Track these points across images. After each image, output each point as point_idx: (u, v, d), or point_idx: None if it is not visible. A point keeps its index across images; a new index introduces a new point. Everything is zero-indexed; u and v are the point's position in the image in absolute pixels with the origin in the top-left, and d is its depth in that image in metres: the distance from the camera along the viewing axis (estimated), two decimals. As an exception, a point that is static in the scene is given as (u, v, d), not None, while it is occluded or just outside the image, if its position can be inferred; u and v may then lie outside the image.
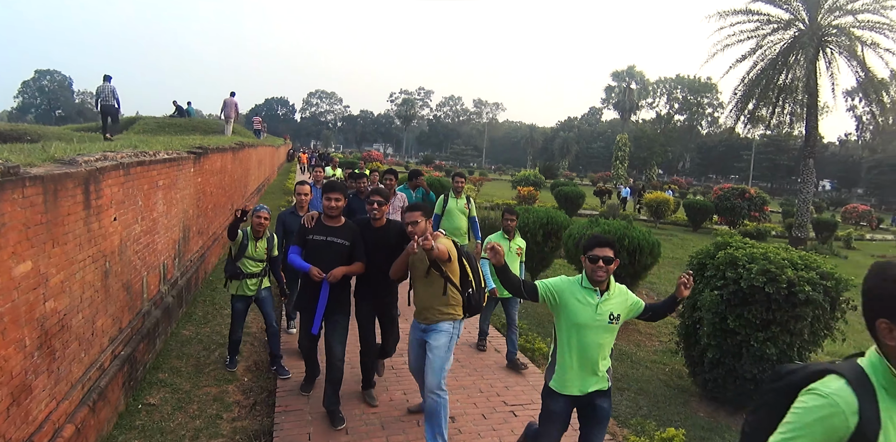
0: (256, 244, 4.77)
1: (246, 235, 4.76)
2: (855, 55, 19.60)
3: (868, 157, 62.90)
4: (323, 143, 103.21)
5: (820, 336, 4.50)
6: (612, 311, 2.88)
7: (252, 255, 4.77)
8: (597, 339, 2.86)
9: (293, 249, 3.97)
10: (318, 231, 3.92)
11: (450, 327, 3.67)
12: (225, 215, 9.83)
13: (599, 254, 2.88)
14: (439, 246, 3.44)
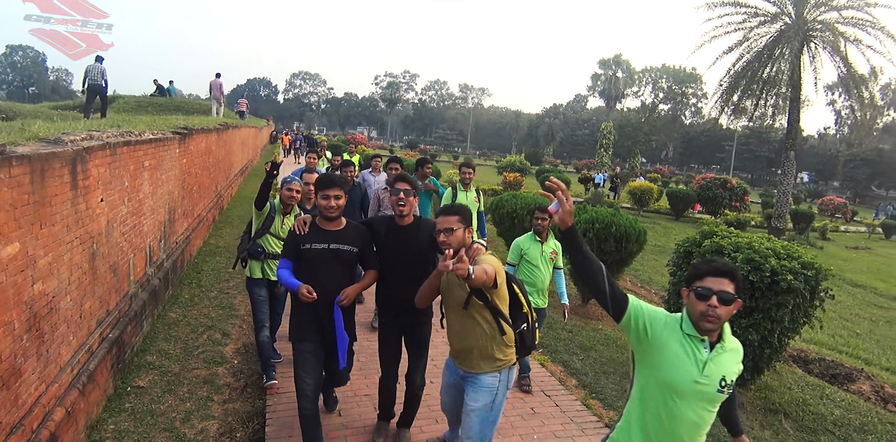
0: (284, 220, 4.21)
1: (273, 207, 4.20)
2: (838, 50, 19.88)
3: (845, 152, 64.02)
4: (306, 126, 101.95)
5: (799, 323, 4.63)
6: (725, 374, 1.96)
7: (278, 232, 4.20)
8: (696, 412, 1.95)
9: (282, 263, 3.20)
10: (315, 238, 3.15)
11: (495, 381, 2.77)
12: (209, 198, 9.70)
13: (714, 287, 1.92)
14: (486, 269, 2.45)
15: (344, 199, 3.17)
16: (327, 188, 3.10)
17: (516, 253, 4.48)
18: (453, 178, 19.19)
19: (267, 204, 4.21)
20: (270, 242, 4.19)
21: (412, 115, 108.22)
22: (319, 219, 3.21)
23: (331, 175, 3.29)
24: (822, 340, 7.70)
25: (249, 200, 14.07)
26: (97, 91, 12.06)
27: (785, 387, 5.31)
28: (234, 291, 6.59)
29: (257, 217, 4.23)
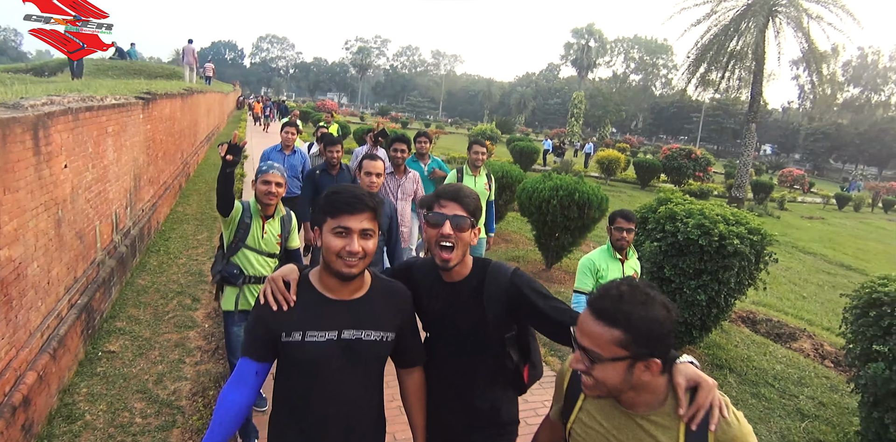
0: (264, 226, 3.10)
1: (247, 209, 3.09)
2: (801, 26, 20.25)
3: (807, 126, 65.87)
4: (274, 91, 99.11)
5: (745, 285, 4.94)
6: None
7: (258, 244, 3.09)
8: None
9: (233, 380, 1.61)
10: (309, 319, 1.58)
11: None
12: (175, 165, 9.54)
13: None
14: None
15: (376, 239, 1.58)
16: (353, 212, 1.52)
17: (590, 276, 3.41)
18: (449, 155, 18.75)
19: (236, 205, 3.03)
20: (250, 260, 3.08)
21: (383, 82, 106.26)
22: (320, 274, 1.62)
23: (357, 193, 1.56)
24: (770, 303, 8.19)
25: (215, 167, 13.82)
26: None
27: (732, 345, 5.69)
28: (202, 257, 6.62)
29: (226, 226, 3.10)
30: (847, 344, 3.96)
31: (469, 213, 1.69)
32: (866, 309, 3.70)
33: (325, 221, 1.54)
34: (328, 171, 4.99)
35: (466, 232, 1.68)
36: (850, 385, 4.10)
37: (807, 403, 4.68)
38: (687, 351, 5.35)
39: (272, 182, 3.02)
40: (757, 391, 4.80)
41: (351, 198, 1.52)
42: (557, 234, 7.08)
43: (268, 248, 3.13)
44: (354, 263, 1.52)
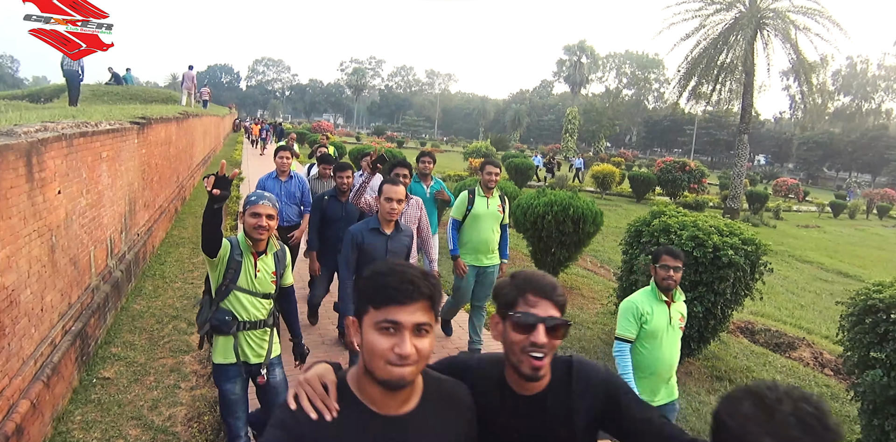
0: (257, 264, 2.72)
1: (236, 246, 2.70)
2: (789, 38, 20.64)
3: (799, 135, 66.50)
4: (270, 113, 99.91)
5: (741, 295, 4.94)
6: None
7: (251, 285, 2.72)
8: None
9: None
10: (353, 436, 1.16)
11: None
12: (171, 188, 9.58)
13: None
14: None
15: (433, 337, 1.18)
16: (405, 301, 1.12)
17: (634, 322, 3.02)
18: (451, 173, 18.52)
19: (223, 244, 2.64)
20: (243, 303, 2.72)
21: (379, 102, 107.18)
22: (359, 380, 1.21)
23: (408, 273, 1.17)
24: (768, 312, 8.17)
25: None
26: (72, 78, 11.97)
27: (731, 356, 5.67)
28: (198, 280, 6.60)
29: (213, 268, 2.70)
30: (845, 352, 3.96)
31: (563, 313, 1.32)
32: (862, 316, 3.70)
33: (367, 311, 1.14)
34: (337, 197, 4.79)
35: (560, 339, 1.31)
36: (850, 393, 4.07)
37: (809, 414, 4.64)
38: (685, 363, 5.32)
39: (262, 214, 2.63)
40: (758, 403, 4.76)
41: (403, 282, 1.11)
42: (553, 249, 7.10)
43: (262, 288, 2.76)
44: (406, 369, 1.11)
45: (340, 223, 4.54)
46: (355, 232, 3.50)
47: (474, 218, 4.61)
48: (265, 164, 19.38)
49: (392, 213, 3.42)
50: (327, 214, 4.71)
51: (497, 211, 4.67)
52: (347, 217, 4.59)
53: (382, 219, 3.49)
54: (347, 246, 3.49)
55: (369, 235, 3.49)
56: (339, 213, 4.71)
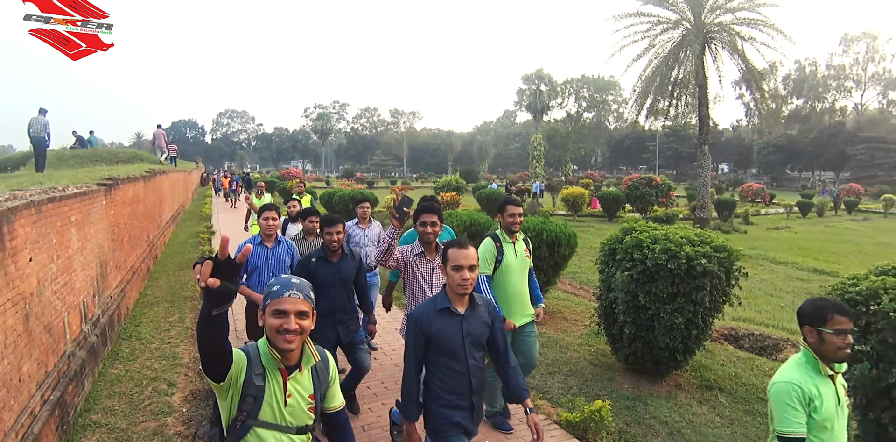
0: (286, 385, 1.88)
1: (255, 360, 1.86)
2: (736, 49, 21.69)
3: (758, 140, 68.90)
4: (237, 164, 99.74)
5: (719, 302, 5.03)
6: None
7: (280, 417, 1.87)
8: None
9: None
10: None
11: None
12: (142, 247, 9.44)
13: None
14: None
15: None
16: None
17: (801, 410, 2.25)
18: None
19: (235, 357, 1.80)
20: None
21: (346, 145, 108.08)
22: None
23: None
24: (750, 317, 8.29)
25: (182, 246, 13.58)
26: (39, 144, 12.24)
27: (718, 364, 5.72)
28: (175, 339, 6.45)
29: (222, 395, 1.83)
30: (829, 348, 4.02)
31: None
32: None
33: None
34: (327, 257, 4.03)
35: None
36: (839, 389, 4.12)
37: (802, 413, 4.68)
38: (674, 376, 5.36)
39: (291, 313, 1.81)
40: (750, 408, 4.80)
41: None
42: (532, 274, 7.15)
43: (296, 420, 1.89)
44: None
45: (334, 289, 4.00)
46: (421, 316, 2.63)
47: (504, 271, 3.96)
48: (237, 219, 19.23)
49: (465, 285, 2.58)
50: (317, 280, 3.82)
51: (525, 257, 4.11)
52: (342, 280, 4.04)
53: (452, 293, 2.63)
54: (412, 336, 2.64)
55: (439, 318, 2.62)
56: (332, 277, 4.01)
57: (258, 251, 4.56)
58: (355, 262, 4.13)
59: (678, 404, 4.80)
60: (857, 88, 70.66)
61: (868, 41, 68.15)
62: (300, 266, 4.06)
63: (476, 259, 2.63)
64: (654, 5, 22.55)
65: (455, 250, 2.64)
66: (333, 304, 3.94)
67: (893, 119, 69.88)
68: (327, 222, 4.03)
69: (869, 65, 68.84)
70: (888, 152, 55.74)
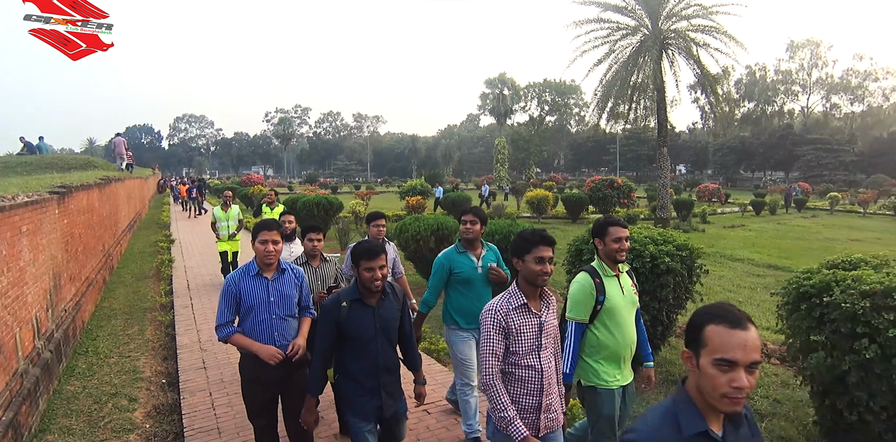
0: None
1: None
2: (691, 55, 22.40)
3: (713, 142, 71.41)
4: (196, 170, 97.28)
5: (683, 299, 5.17)
6: None
7: None
8: None
9: None
10: None
11: None
12: (97, 258, 9.08)
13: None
14: None
15: None
16: None
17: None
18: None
19: None
20: None
21: (308, 150, 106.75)
22: None
23: None
24: (711, 313, 8.51)
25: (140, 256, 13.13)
26: None
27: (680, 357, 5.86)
28: (135, 353, 6.22)
29: None
30: (787, 339, 4.17)
31: None
32: (797, 303, 3.91)
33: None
34: (364, 300, 2.88)
35: None
36: (798, 378, 4.28)
37: (762, 403, 4.84)
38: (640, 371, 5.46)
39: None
40: (716, 400, 4.92)
41: None
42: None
43: None
44: None
45: (375, 343, 2.86)
46: None
47: (609, 313, 3.07)
48: (198, 229, 18.71)
49: None
50: (352, 333, 2.82)
51: (633, 294, 3.20)
52: (385, 330, 2.90)
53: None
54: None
55: None
56: (372, 328, 2.85)
57: (254, 286, 3.27)
58: (399, 301, 3.02)
59: (645, 399, 4.89)
60: (804, 92, 74.15)
61: (812, 48, 71.58)
62: (326, 313, 2.83)
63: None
64: (614, 12, 23.09)
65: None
66: (375, 363, 2.86)
67: (836, 121, 73.59)
68: (368, 254, 2.81)
69: (813, 70, 72.35)
70: (832, 153, 58.57)
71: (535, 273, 2.48)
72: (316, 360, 2.87)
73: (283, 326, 3.27)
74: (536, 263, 2.48)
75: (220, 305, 3.20)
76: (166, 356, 6.16)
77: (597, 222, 3.29)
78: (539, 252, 2.49)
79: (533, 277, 2.49)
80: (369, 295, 2.87)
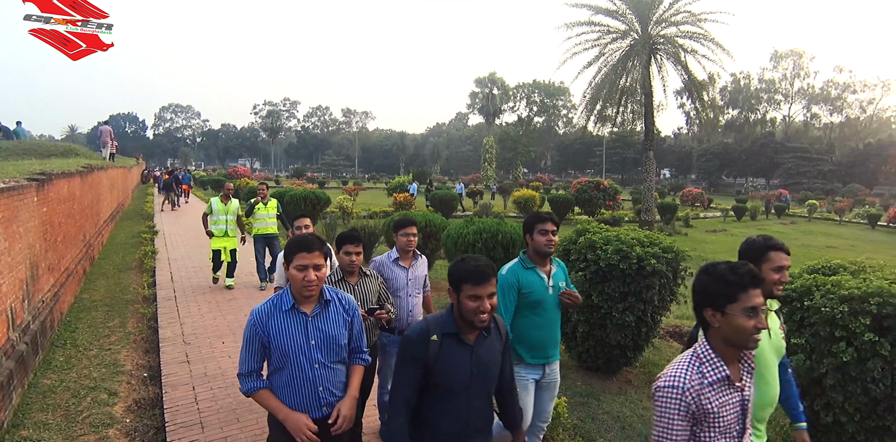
0: None
1: None
2: (679, 60, 22.66)
3: (697, 147, 72.38)
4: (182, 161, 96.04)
5: (667, 301, 5.21)
6: None
7: None
8: None
9: None
10: None
11: None
12: (77, 248, 8.90)
13: None
14: None
15: None
16: None
17: None
18: None
19: None
20: None
21: (296, 144, 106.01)
22: None
23: None
24: (690, 314, 8.62)
25: (122, 247, 12.93)
26: None
27: (665, 360, 5.91)
28: (116, 346, 6.11)
29: None
30: (767, 342, 4.22)
31: None
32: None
33: None
34: (461, 334, 2.20)
35: None
36: (775, 382, 4.33)
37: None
38: (624, 372, 5.52)
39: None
40: (698, 402, 4.98)
41: None
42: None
43: None
44: None
45: (468, 391, 2.22)
46: None
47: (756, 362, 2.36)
48: (182, 220, 18.45)
49: None
50: (440, 377, 2.17)
51: (781, 338, 2.55)
52: (483, 376, 2.24)
53: None
54: None
55: None
56: (467, 371, 2.20)
57: (289, 324, 2.40)
58: (502, 341, 2.35)
59: (629, 399, 4.94)
60: (786, 101, 75.49)
61: (795, 58, 72.84)
62: (410, 349, 2.16)
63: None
64: (605, 15, 23.26)
65: None
66: (464, 420, 2.22)
67: (815, 131, 74.98)
68: (478, 276, 2.10)
69: (795, 80, 73.63)
70: (811, 162, 59.77)
71: (746, 330, 1.75)
72: (396, 417, 2.14)
73: (330, 378, 2.46)
74: (746, 317, 1.74)
75: (243, 351, 2.41)
76: (148, 349, 6.06)
77: (755, 244, 2.62)
78: (750, 301, 1.75)
79: (745, 334, 1.76)
80: (468, 329, 2.17)
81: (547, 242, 3.14)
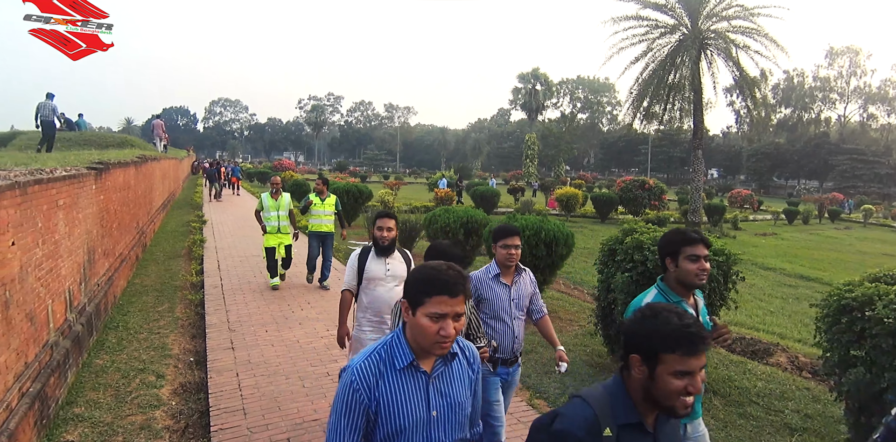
0: None
1: None
2: (730, 56, 21.79)
3: (747, 148, 69.68)
4: (230, 154, 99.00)
5: (717, 306, 5.00)
6: None
7: None
8: None
9: None
10: None
11: None
12: (131, 235, 9.26)
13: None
14: None
15: None
16: None
17: None
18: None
19: None
20: None
21: (339, 138, 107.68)
22: None
23: None
24: (740, 321, 8.30)
25: (172, 235, 13.37)
26: (49, 128, 12.89)
27: (711, 367, 5.70)
28: (164, 330, 6.32)
29: None
30: (824, 353, 3.99)
31: None
32: (837, 316, 3.75)
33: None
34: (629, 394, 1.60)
35: None
36: (832, 394, 4.11)
37: (793, 417, 4.67)
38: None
39: None
40: (743, 411, 4.78)
41: None
42: (529, 273, 7.11)
43: None
44: None
45: None
46: None
47: None
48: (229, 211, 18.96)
49: None
50: None
51: None
52: None
53: None
54: None
55: None
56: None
57: (406, 390, 1.65)
58: None
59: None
60: (841, 101, 71.90)
61: (851, 56, 69.24)
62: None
63: None
64: (653, 9, 22.59)
65: None
66: None
67: (872, 132, 71.05)
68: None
69: (852, 79, 70.02)
70: (867, 164, 56.73)
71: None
72: None
73: None
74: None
75: (334, 424, 1.60)
76: (195, 335, 6.25)
77: None
78: None
79: None
80: (649, 413, 1.51)
81: (699, 270, 2.27)
